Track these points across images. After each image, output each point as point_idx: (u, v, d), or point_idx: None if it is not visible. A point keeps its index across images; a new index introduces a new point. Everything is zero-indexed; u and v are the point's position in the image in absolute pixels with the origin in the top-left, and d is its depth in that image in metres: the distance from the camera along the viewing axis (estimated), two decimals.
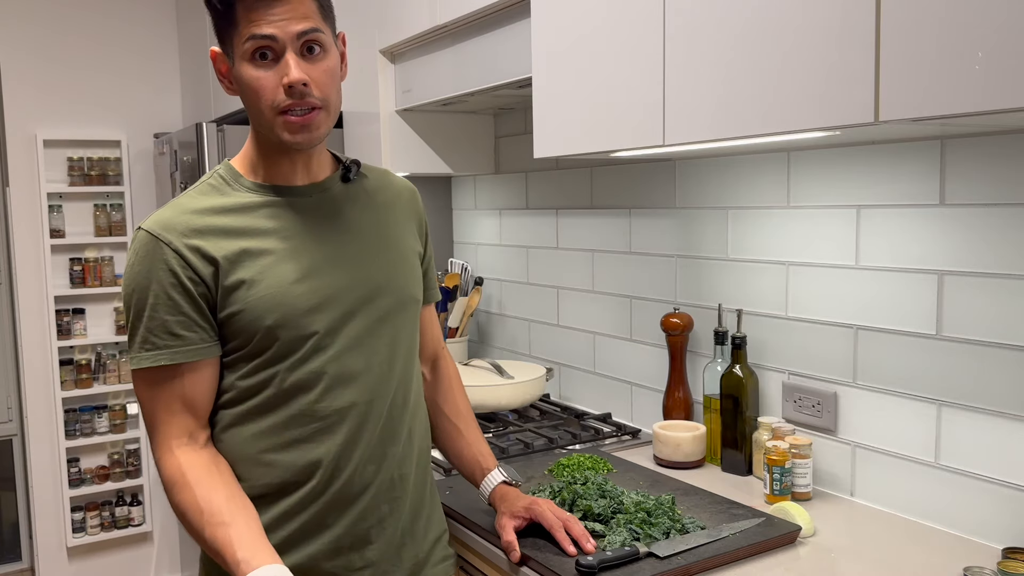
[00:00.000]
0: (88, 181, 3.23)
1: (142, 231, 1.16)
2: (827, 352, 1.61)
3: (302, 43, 1.12)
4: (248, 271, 1.16)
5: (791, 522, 1.40)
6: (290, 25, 1.11)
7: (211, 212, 1.18)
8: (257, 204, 1.20)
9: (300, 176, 1.24)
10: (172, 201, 1.21)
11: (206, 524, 1.09)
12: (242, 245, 1.16)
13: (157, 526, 3.46)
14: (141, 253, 1.15)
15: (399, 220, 1.34)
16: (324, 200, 1.25)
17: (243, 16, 1.11)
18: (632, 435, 2.01)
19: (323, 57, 1.15)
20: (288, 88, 1.11)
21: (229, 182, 1.22)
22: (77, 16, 3.21)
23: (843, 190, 1.57)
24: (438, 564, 1.35)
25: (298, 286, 1.17)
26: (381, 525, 1.25)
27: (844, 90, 1.11)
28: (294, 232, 1.20)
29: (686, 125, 1.37)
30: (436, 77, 2.15)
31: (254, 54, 1.12)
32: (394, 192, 1.36)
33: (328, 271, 1.21)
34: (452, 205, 2.90)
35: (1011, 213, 1.31)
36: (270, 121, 1.15)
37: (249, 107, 1.17)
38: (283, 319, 1.16)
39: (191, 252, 1.14)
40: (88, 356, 3.28)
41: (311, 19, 1.13)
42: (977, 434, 1.38)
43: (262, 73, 1.12)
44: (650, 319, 2.05)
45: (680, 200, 1.95)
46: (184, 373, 1.15)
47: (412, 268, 1.33)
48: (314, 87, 1.13)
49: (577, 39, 1.60)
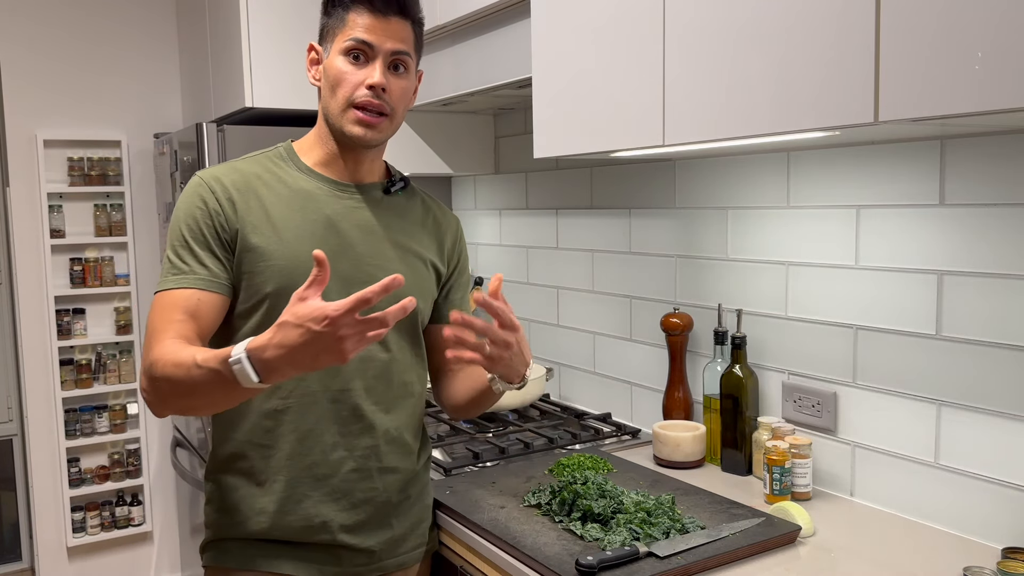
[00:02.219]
0: (88, 181, 3.22)
1: (196, 176, 1.32)
2: (827, 352, 1.61)
3: (392, 59, 1.31)
4: (266, 240, 1.29)
5: (791, 522, 1.40)
6: (388, 41, 1.30)
7: (257, 179, 1.33)
8: (297, 184, 1.35)
9: (349, 174, 1.39)
10: (229, 161, 1.38)
11: (194, 352, 1.13)
12: (270, 216, 1.30)
13: (157, 526, 3.46)
14: (188, 192, 1.31)
15: (425, 239, 1.45)
16: (360, 199, 1.38)
17: (353, 20, 1.29)
18: (632, 435, 2.01)
19: (404, 76, 1.34)
20: (370, 87, 1.29)
21: (285, 159, 1.38)
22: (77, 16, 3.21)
23: (843, 190, 1.57)
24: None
25: (304, 265, 1.26)
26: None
27: (844, 90, 1.11)
28: (320, 218, 1.33)
29: (686, 125, 1.37)
30: (436, 77, 2.15)
31: (349, 52, 1.29)
32: (435, 217, 1.49)
33: (335, 260, 1.29)
34: (452, 205, 2.90)
35: (1011, 213, 1.31)
36: (341, 110, 1.31)
37: (326, 96, 1.33)
38: (282, 291, 1.26)
39: (228, 203, 1.29)
40: (88, 356, 3.28)
41: (406, 44, 1.32)
42: (977, 434, 1.38)
43: (350, 68, 1.30)
44: (650, 319, 2.05)
45: (680, 200, 1.95)
46: (199, 299, 1.25)
47: (423, 280, 1.42)
48: (390, 95, 1.31)
49: (577, 39, 1.60)
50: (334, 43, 1.31)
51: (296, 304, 1.03)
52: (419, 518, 1.46)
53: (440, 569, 1.58)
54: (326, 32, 1.34)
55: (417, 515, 1.46)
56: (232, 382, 1.07)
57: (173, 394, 1.16)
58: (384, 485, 1.38)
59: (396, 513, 1.40)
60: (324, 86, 1.34)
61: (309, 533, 1.33)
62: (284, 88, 2.50)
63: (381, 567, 1.39)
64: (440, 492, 1.59)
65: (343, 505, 1.34)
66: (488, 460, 1.80)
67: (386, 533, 1.39)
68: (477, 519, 1.46)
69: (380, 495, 1.37)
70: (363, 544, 1.36)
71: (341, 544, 1.35)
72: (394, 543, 1.40)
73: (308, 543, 1.34)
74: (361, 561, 1.37)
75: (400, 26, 1.31)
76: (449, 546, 1.54)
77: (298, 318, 1.02)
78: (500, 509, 1.51)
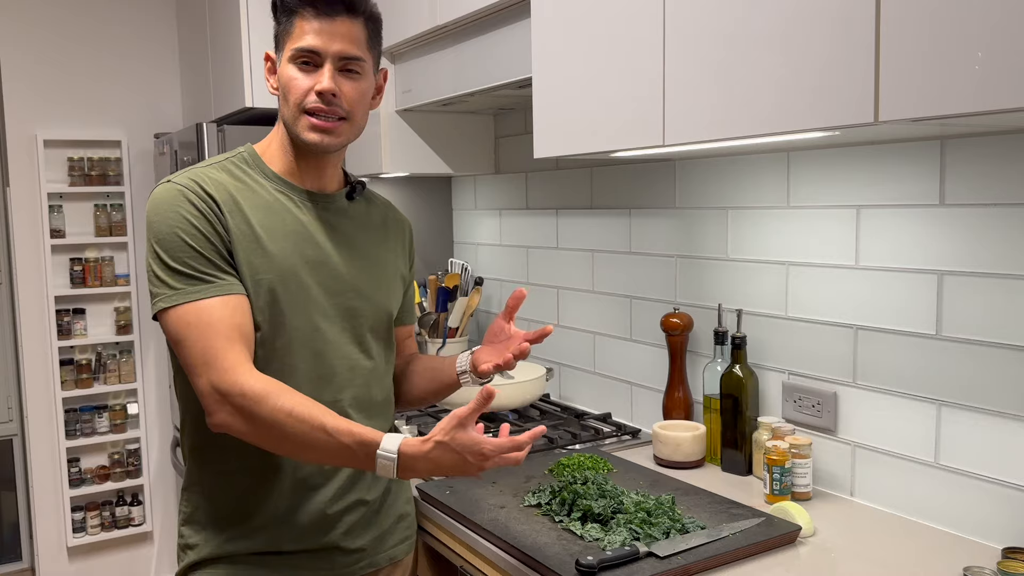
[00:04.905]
0: (88, 181, 3.22)
1: (170, 184, 1.24)
2: (827, 352, 1.61)
3: (341, 63, 1.26)
4: (251, 253, 1.25)
5: (791, 522, 1.40)
6: (335, 44, 1.25)
7: (232, 187, 1.27)
8: (268, 192, 1.30)
9: (311, 181, 1.35)
10: (191, 168, 1.30)
11: (321, 414, 1.14)
12: (252, 227, 1.26)
13: (157, 526, 3.46)
14: (171, 199, 1.22)
15: (390, 244, 1.45)
16: (327, 208, 1.36)
17: (300, 26, 1.25)
18: (632, 435, 2.01)
19: (358, 79, 1.29)
20: (319, 94, 1.25)
21: (250, 165, 1.33)
22: (77, 16, 3.21)
23: (843, 190, 1.57)
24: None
25: (290, 279, 1.27)
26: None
27: (844, 90, 1.11)
28: (297, 228, 1.30)
29: (686, 125, 1.37)
30: (436, 77, 2.15)
31: (297, 59, 1.26)
32: (392, 220, 1.49)
33: (316, 271, 1.30)
34: (452, 205, 2.90)
35: (1011, 213, 1.31)
36: (295, 117, 1.27)
37: (282, 104, 1.31)
38: (268, 307, 1.25)
39: (218, 210, 1.24)
40: (88, 356, 3.28)
41: (356, 46, 1.27)
42: (977, 434, 1.38)
43: (299, 75, 1.26)
44: (650, 319, 2.05)
45: (680, 200, 1.95)
46: (235, 306, 1.21)
47: (393, 286, 1.44)
48: (343, 99, 1.27)
49: (577, 39, 1.60)
50: (284, 51, 1.28)
51: (456, 429, 1.10)
52: (403, 511, 1.47)
53: (441, 569, 1.58)
54: (278, 39, 1.31)
55: (400, 508, 1.46)
56: (361, 462, 1.14)
57: (273, 438, 1.16)
58: (373, 487, 1.38)
59: (382, 509, 1.41)
60: (280, 95, 1.31)
61: (303, 542, 1.31)
62: None
63: (373, 563, 1.39)
64: (440, 492, 1.59)
65: (336, 511, 1.33)
66: None
67: (374, 531, 1.39)
68: (477, 519, 1.46)
69: (368, 495, 1.37)
70: (354, 544, 1.35)
71: (334, 547, 1.34)
72: (382, 539, 1.41)
73: (301, 551, 1.32)
74: (353, 561, 1.36)
75: (349, 26, 1.26)
76: (449, 546, 1.54)
77: (459, 446, 1.11)
78: (500, 509, 1.51)
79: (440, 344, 2.52)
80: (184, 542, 1.34)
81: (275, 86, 1.33)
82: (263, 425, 1.14)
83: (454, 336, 2.57)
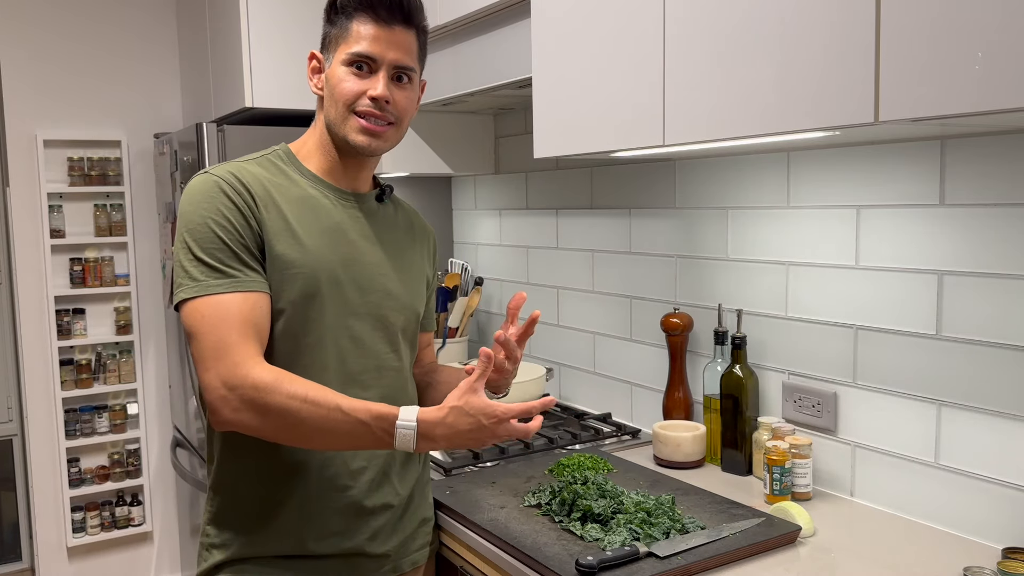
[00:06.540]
0: (88, 181, 3.22)
1: (207, 175, 1.25)
2: (827, 352, 1.61)
3: (395, 71, 1.29)
4: (288, 247, 1.25)
5: (791, 522, 1.40)
6: (391, 52, 1.28)
7: (268, 181, 1.28)
8: (304, 189, 1.32)
9: (347, 182, 1.37)
10: (230, 162, 1.31)
11: (335, 396, 1.15)
12: (288, 222, 1.26)
13: (157, 526, 3.46)
14: (207, 190, 1.23)
15: (417, 247, 1.47)
16: (360, 208, 1.37)
17: (356, 30, 1.27)
18: (632, 435, 2.01)
19: (408, 87, 1.32)
20: (373, 100, 1.27)
21: (287, 163, 1.35)
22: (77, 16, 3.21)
23: (843, 190, 1.57)
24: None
25: (325, 273, 1.27)
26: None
27: (844, 90, 1.11)
28: (331, 225, 1.32)
29: (686, 125, 1.37)
30: (436, 77, 2.15)
31: (352, 63, 1.27)
32: (418, 226, 1.51)
33: (349, 268, 1.31)
34: (452, 205, 2.90)
35: (1011, 213, 1.31)
36: (343, 118, 1.29)
37: (328, 106, 1.31)
38: (302, 300, 1.26)
39: (253, 204, 1.24)
40: (88, 356, 3.27)
41: (409, 56, 1.30)
42: (977, 434, 1.38)
43: (352, 78, 1.28)
44: (650, 319, 2.05)
45: (680, 200, 1.95)
46: (254, 303, 1.21)
47: (420, 288, 1.45)
48: (394, 106, 1.30)
49: (577, 39, 1.60)
50: (336, 53, 1.29)
51: (469, 393, 1.15)
52: (425, 516, 1.46)
53: (441, 569, 1.58)
54: (328, 41, 1.31)
55: (423, 513, 1.46)
56: (382, 439, 1.14)
57: (286, 427, 1.14)
58: (398, 490, 1.37)
59: (406, 514, 1.40)
60: (326, 95, 1.31)
61: (329, 546, 1.30)
62: (284, 88, 2.50)
63: (396, 567, 1.39)
64: (440, 492, 1.59)
65: (362, 514, 1.32)
66: (488, 460, 1.80)
67: (399, 536, 1.38)
68: (477, 519, 1.46)
69: (394, 499, 1.36)
70: (379, 550, 1.35)
71: (360, 552, 1.33)
72: (405, 543, 1.40)
73: (327, 555, 1.30)
74: (377, 566, 1.36)
75: (404, 36, 1.28)
76: (449, 546, 1.54)
77: (473, 409, 1.14)
78: (500, 509, 1.51)
79: (440, 344, 2.52)
80: (209, 541, 1.32)
81: (319, 86, 1.33)
82: (276, 414, 1.13)
83: (454, 336, 2.57)
